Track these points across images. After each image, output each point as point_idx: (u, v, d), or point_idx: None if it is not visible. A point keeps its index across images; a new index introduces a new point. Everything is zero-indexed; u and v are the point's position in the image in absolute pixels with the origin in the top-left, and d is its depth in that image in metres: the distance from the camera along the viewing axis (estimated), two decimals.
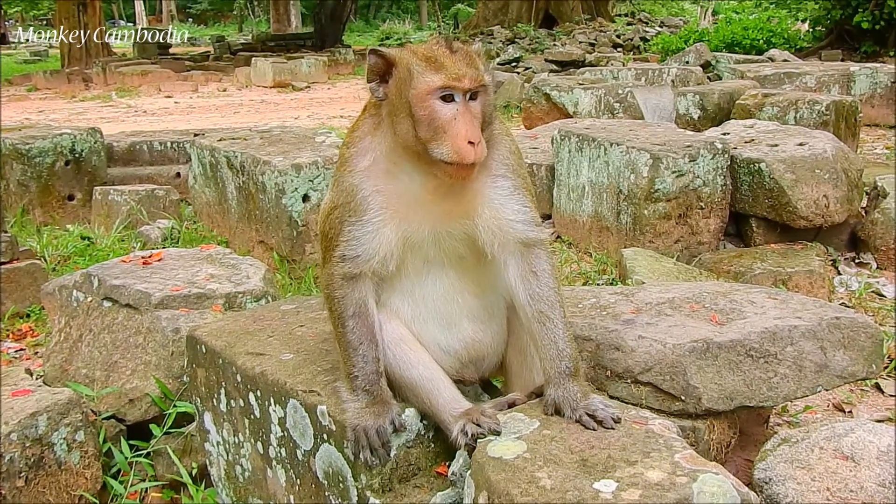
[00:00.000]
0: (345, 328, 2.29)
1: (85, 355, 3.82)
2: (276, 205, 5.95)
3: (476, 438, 2.09)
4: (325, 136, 6.80)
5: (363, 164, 2.29)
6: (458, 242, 2.31)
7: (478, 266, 2.37)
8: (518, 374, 2.48)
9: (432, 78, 2.14)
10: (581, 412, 2.13)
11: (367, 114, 2.35)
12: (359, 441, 2.20)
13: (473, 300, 2.39)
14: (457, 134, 2.12)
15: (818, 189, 5.81)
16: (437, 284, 2.35)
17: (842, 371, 3.17)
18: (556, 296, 2.30)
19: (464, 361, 2.41)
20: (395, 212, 2.26)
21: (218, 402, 2.75)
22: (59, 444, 3.01)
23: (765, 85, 10.96)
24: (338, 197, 2.32)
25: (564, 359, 2.24)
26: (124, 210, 6.97)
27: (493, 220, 2.27)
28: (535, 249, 2.32)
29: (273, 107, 18.39)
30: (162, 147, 8.62)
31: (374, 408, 2.24)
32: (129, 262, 4.20)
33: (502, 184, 2.30)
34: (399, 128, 2.19)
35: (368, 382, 2.25)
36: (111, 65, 24.47)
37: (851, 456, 2.61)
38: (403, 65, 2.19)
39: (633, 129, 6.71)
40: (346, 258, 2.29)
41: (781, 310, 3.39)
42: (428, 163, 2.18)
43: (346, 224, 2.28)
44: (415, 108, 2.15)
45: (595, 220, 6.44)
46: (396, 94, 2.19)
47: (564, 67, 18.55)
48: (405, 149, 2.21)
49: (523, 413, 2.19)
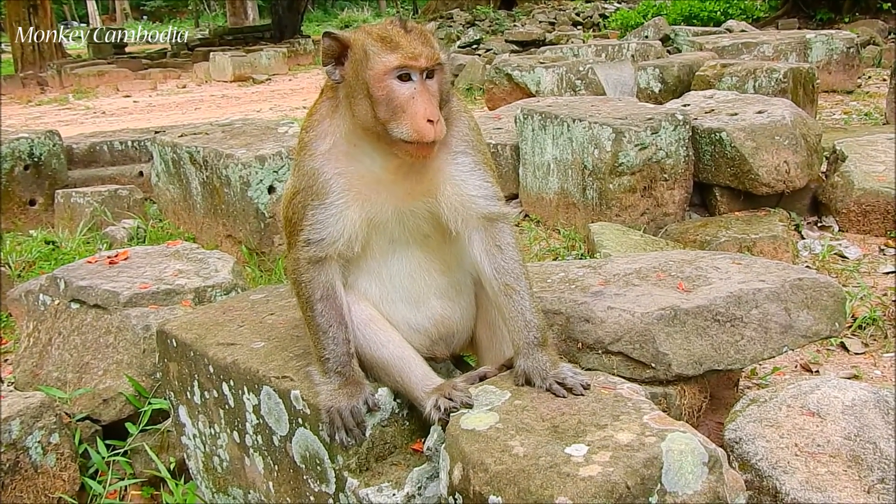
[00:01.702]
0: (313, 312, 2.30)
1: (55, 358, 3.79)
2: (241, 198, 5.91)
3: (449, 412, 2.12)
4: (288, 127, 6.76)
5: (323, 148, 2.29)
6: (422, 221, 2.32)
7: (443, 244, 2.39)
8: (488, 348, 2.51)
9: (388, 58, 2.14)
10: (551, 381, 2.16)
11: (324, 97, 2.35)
12: (333, 423, 2.21)
13: (441, 278, 2.41)
14: (415, 113, 2.13)
15: (778, 155, 5.90)
16: (403, 264, 2.36)
17: (806, 331, 3.24)
18: (520, 268, 2.32)
19: (434, 339, 2.43)
20: (358, 193, 2.26)
21: (192, 395, 2.75)
22: (34, 447, 2.98)
23: (723, 56, 11.07)
24: (299, 181, 2.31)
25: (532, 329, 2.27)
26: (87, 212, 6.88)
27: (456, 197, 2.29)
28: (499, 224, 2.34)
29: (234, 101, 18.21)
30: (123, 147, 8.52)
31: (347, 389, 2.25)
32: (95, 262, 4.16)
33: (463, 160, 2.32)
34: (357, 109, 2.20)
35: (340, 364, 2.27)
36: (66, 66, 24.02)
37: (818, 412, 2.68)
38: (359, 46, 2.19)
39: (594, 104, 6.75)
40: (311, 242, 2.29)
41: (745, 274, 3.45)
42: (388, 143, 2.19)
43: (309, 208, 2.29)
44: (372, 88, 2.15)
45: (561, 197, 6.48)
46: (353, 75, 2.19)
47: (525, 47, 18.57)
48: (364, 130, 2.22)
49: (494, 385, 2.22)
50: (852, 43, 11.66)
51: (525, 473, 1.82)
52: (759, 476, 2.53)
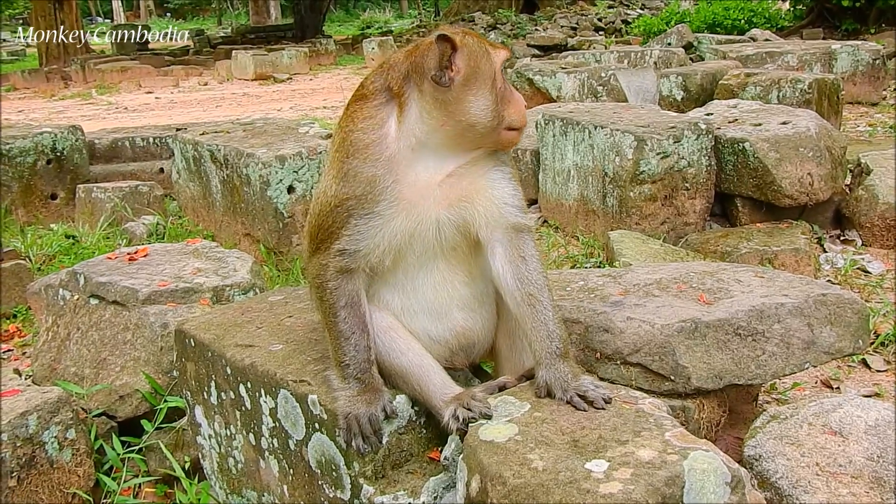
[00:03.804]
0: (336, 318, 2.27)
1: (73, 353, 3.80)
2: (261, 197, 5.92)
3: (467, 423, 2.09)
4: (309, 127, 6.77)
5: (387, 153, 2.23)
6: (456, 230, 2.30)
7: (469, 255, 2.37)
8: (508, 357, 2.49)
9: (501, 52, 2.26)
10: (572, 393, 2.13)
11: (375, 100, 2.27)
12: (350, 429, 2.19)
13: (464, 289, 2.38)
14: (519, 100, 2.29)
15: (802, 167, 5.84)
16: (428, 276, 2.34)
17: (829, 347, 3.19)
18: (543, 279, 2.31)
19: (454, 349, 2.42)
20: (408, 202, 2.23)
21: (208, 395, 2.75)
22: (51, 442, 2.99)
23: (747, 65, 10.99)
24: (350, 188, 2.22)
25: (554, 340, 2.24)
26: (108, 207, 6.92)
27: (491, 202, 2.30)
28: (524, 235, 2.34)
29: (255, 99, 18.29)
30: (144, 143, 8.56)
31: (366, 395, 2.24)
32: (114, 258, 4.17)
33: (497, 169, 2.35)
34: (469, 108, 2.19)
35: (360, 370, 2.25)
36: (90, 62, 24.23)
37: (840, 431, 2.64)
38: (473, 45, 2.22)
39: (616, 111, 6.72)
40: (346, 252, 2.25)
41: (768, 288, 3.41)
42: (487, 137, 2.25)
43: (354, 217, 2.22)
44: (496, 80, 2.22)
45: (581, 204, 6.45)
46: (471, 74, 2.19)
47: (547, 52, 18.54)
48: (459, 132, 2.22)
49: (514, 396, 2.19)
50: (878, 54, 11.54)
51: (544, 488, 1.80)
52: (779, 495, 2.50)
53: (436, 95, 2.19)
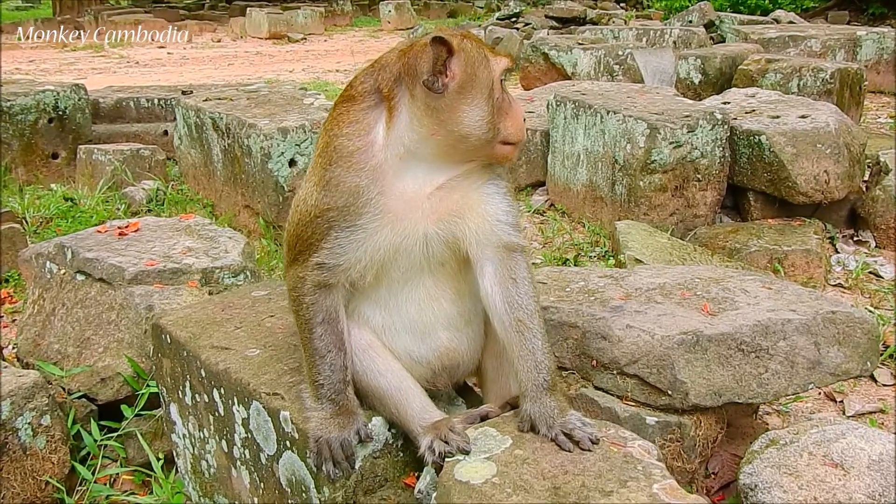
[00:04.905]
0: (311, 334, 2.14)
1: (58, 330, 3.71)
2: (261, 169, 5.79)
3: (444, 457, 1.98)
4: (314, 98, 6.61)
5: (373, 162, 2.07)
6: (444, 246, 2.16)
7: (458, 271, 2.23)
8: (494, 380, 2.35)
9: (501, 60, 2.11)
10: (557, 430, 2.00)
11: (363, 103, 2.12)
12: (321, 453, 2.07)
13: (450, 307, 2.24)
14: (518, 113, 2.13)
15: (819, 164, 5.66)
16: (412, 293, 2.19)
17: (835, 368, 3.07)
18: (534, 304, 2.16)
19: (437, 370, 2.28)
20: (394, 215, 2.08)
21: (183, 395, 2.64)
22: (24, 428, 2.90)
23: (769, 48, 10.70)
24: (332, 198, 2.07)
25: (542, 371, 2.10)
26: (108, 170, 6.80)
27: (483, 219, 2.16)
28: (516, 255, 2.19)
29: (268, 59, 18.03)
30: (149, 104, 8.41)
31: (339, 419, 2.11)
32: (104, 232, 4.07)
33: (492, 183, 2.20)
34: (462, 118, 2.03)
35: (334, 391, 2.12)
36: (104, 13, 23.95)
37: (841, 463, 2.52)
38: (472, 50, 2.07)
39: (630, 95, 6.52)
40: (325, 266, 2.11)
41: (776, 301, 3.27)
42: (481, 150, 2.11)
43: (335, 229, 2.08)
44: (494, 90, 2.07)
45: (589, 190, 6.30)
46: (467, 80, 2.03)
47: (565, 24, 18.14)
48: (451, 142, 2.06)
49: (496, 428, 2.06)
50: None
51: None
52: None
53: (428, 102, 2.03)
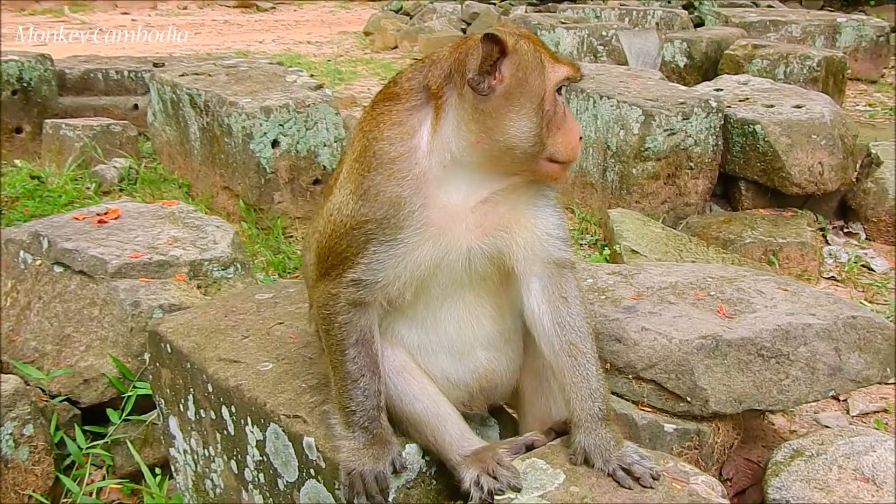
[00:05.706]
0: (343, 356, 1.96)
1: (34, 325, 3.48)
2: (242, 150, 5.55)
3: (493, 494, 1.83)
4: (297, 75, 6.36)
5: (416, 170, 1.89)
6: (488, 261, 1.99)
7: (500, 287, 2.06)
8: (532, 402, 2.19)
9: (561, 69, 1.90)
10: (615, 465, 1.86)
11: (409, 102, 1.93)
12: (354, 486, 1.91)
13: (491, 326, 2.08)
14: (572, 129, 1.92)
15: (813, 155, 5.59)
16: (451, 310, 2.02)
17: (856, 375, 2.98)
18: (587, 326, 2.01)
19: (474, 393, 2.12)
20: (436, 229, 1.90)
21: (185, 409, 2.45)
22: (6, 440, 2.69)
23: (750, 32, 10.64)
24: (371, 209, 1.89)
25: (597, 400, 1.95)
26: (77, 146, 6.48)
27: (532, 233, 1.99)
28: (566, 272, 2.03)
29: (237, 28, 17.57)
30: (118, 76, 8.05)
31: (373, 449, 1.94)
32: (82, 219, 3.82)
33: (542, 196, 2.03)
34: (507, 127, 1.84)
35: (368, 419, 1.95)
36: None
37: (873, 478, 2.44)
38: (527, 52, 1.86)
39: (623, 80, 6.38)
40: (361, 283, 1.92)
41: (793, 304, 3.17)
42: (525, 165, 1.90)
43: (374, 243, 1.90)
44: (545, 101, 1.86)
45: (579, 176, 6.16)
46: (516, 86, 1.84)
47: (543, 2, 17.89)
48: (495, 153, 1.87)
49: (544, 460, 1.91)
50: (883, 31, 11.23)
51: None
52: None
53: (475, 104, 1.84)
